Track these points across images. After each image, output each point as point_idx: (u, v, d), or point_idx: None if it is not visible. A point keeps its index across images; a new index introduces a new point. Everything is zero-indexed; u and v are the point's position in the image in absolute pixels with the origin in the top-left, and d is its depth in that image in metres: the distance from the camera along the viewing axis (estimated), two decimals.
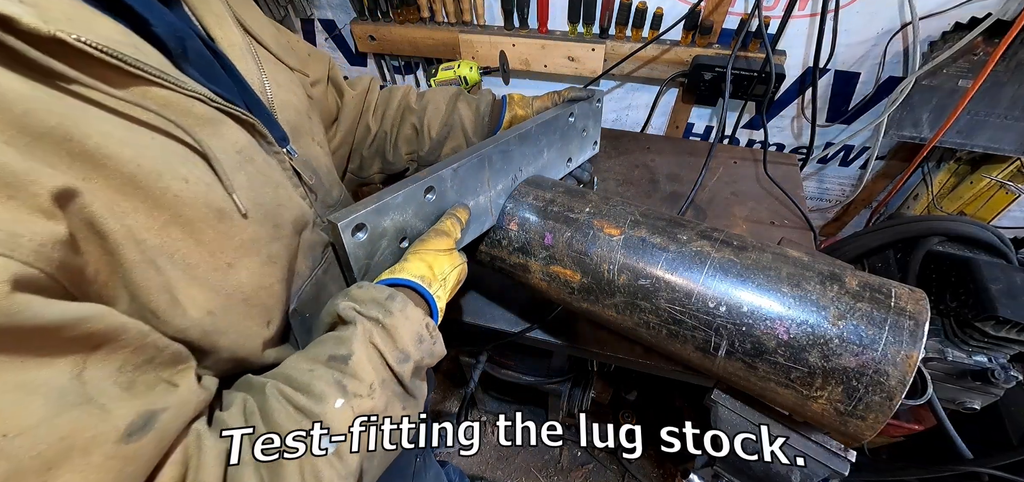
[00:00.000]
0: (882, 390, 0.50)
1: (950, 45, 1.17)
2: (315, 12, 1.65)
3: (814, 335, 0.53)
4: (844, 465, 0.63)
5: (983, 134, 1.28)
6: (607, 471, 1.83)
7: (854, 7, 1.22)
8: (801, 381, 0.55)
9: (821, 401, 0.54)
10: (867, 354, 0.50)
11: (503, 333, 1.07)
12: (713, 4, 1.28)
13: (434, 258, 0.56)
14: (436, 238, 0.58)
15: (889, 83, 1.34)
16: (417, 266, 0.54)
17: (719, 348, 0.59)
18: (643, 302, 0.64)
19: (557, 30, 1.47)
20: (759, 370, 0.58)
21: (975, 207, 1.41)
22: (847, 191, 1.71)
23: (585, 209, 0.72)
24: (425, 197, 0.63)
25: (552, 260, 0.72)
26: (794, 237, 1.20)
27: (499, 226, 0.77)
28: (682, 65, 1.41)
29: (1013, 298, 0.95)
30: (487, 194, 0.73)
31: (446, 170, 0.65)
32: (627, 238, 0.66)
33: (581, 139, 0.94)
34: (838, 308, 0.53)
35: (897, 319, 0.50)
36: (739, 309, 0.57)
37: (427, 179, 0.63)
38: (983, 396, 1.09)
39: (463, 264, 0.61)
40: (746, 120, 1.56)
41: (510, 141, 0.75)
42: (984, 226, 1.08)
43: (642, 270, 0.64)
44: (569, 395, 1.53)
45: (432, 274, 0.54)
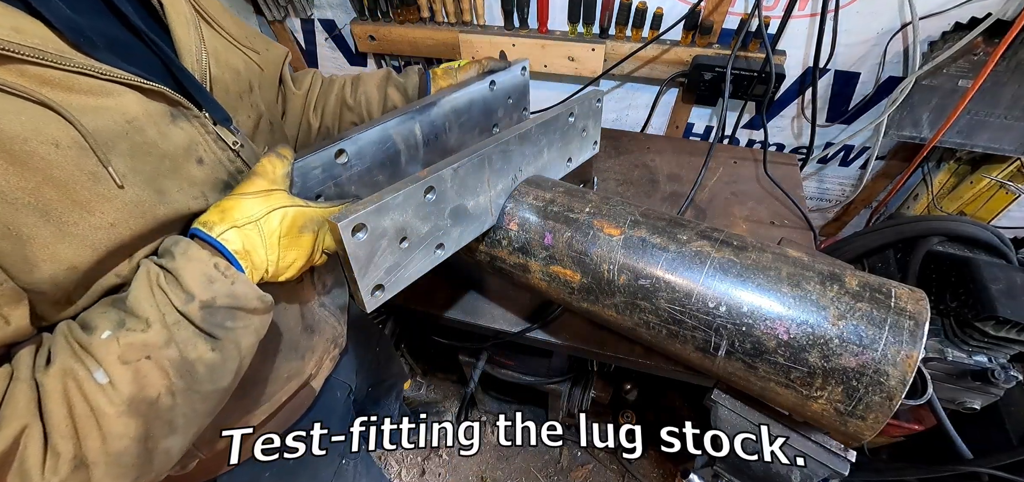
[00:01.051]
0: (882, 390, 0.50)
1: (950, 45, 1.17)
2: (315, 12, 1.65)
3: (814, 335, 0.53)
4: (844, 465, 0.63)
5: (983, 134, 1.28)
6: (607, 471, 1.83)
7: (854, 7, 1.22)
8: (801, 381, 0.55)
9: (821, 401, 0.54)
10: (867, 354, 0.50)
11: (503, 333, 1.07)
12: (713, 4, 1.28)
13: (236, 201, 0.55)
14: (246, 181, 0.58)
15: (889, 83, 1.34)
16: (208, 213, 0.55)
17: (719, 348, 0.59)
18: (643, 302, 0.64)
19: (557, 30, 1.47)
20: (759, 370, 0.58)
21: (975, 207, 1.41)
22: (847, 191, 1.71)
23: (585, 209, 0.72)
24: (425, 197, 0.63)
25: (552, 260, 0.72)
26: (794, 237, 1.20)
27: (499, 226, 0.77)
28: (682, 65, 1.41)
29: (1013, 298, 0.95)
30: (487, 194, 0.73)
31: (446, 170, 0.65)
32: (627, 238, 0.66)
33: (581, 139, 0.94)
34: (838, 308, 0.53)
35: (897, 319, 0.50)
36: (739, 309, 0.57)
37: (427, 179, 0.63)
38: (983, 396, 1.09)
39: (289, 208, 0.57)
40: (746, 120, 1.56)
41: (510, 141, 0.75)
42: (984, 226, 1.08)
43: (642, 270, 0.64)
44: (569, 395, 1.53)
45: (222, 217, 0.54)
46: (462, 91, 0.87)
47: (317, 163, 0.69)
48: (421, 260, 0.66)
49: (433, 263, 0.68)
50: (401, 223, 0.61)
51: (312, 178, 0.69)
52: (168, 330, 0.48)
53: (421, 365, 2.11)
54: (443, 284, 1.14)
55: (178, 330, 0.49)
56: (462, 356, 1.44)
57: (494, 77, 0.92)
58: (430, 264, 0.68)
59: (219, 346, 0.52)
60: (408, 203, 0.61)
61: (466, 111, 0.89)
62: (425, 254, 0.66)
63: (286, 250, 0.57)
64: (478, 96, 0.90)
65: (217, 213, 0.54)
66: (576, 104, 0.89)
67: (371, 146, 0.77)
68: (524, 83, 0.99)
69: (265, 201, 0.56)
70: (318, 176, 0.70)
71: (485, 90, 0.91)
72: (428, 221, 0.65)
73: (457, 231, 0.70)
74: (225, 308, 0.51)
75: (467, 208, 0.70)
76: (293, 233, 0.57)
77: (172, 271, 0.50)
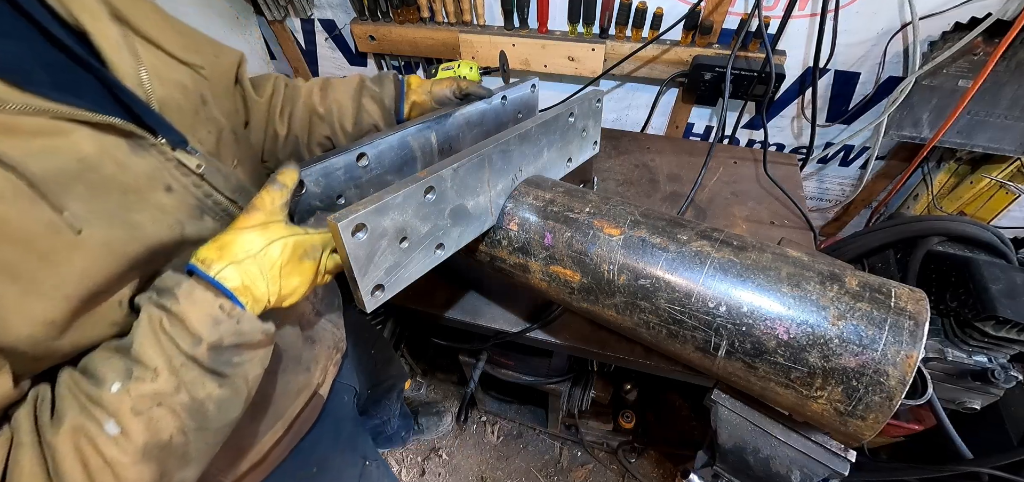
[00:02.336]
0: (882, 390, 0.50)
1: (950, 45, 1.17)
2: (315, 12, 1.65)
3: (814, 335, 0.53)
4: (844, 465, 0.63)
5: (983, 134, 1.28)
6: (607, 471, 1.83)
7: (854, 7, 1.22)
8: (801, 381, 0.55)
9: (821, 401, 0.54)
10: (867, 354, 0.50)
11: (503, 333, 1.07)
12: (713, 4, 1.28)
13: (234, 236, 0.54)
14: (243, 215, 0.57)
15: (889, 83, 1.34)
16: (206, 249, 0.53)
17: (719, 348, 0.59)
18: (643, 302, 0.64)
19: (557, 30, 1.47)
20: (759, 370, 0.58)
21: (975, 207, 1.41)
22: (847, 191, 1.71)
23: (585, 209, 0.71)
24: (425, 197, 0.63)
25: (552, 260, 0.72)
26: (794, 237, 1.20)
27: (499, 226, 0.77)
28: (682, 65, 1.41)
29: (1013, 298, 0.95)
30: (487, 194, 0.73)
31: (446, 170, 0.65)
32: (627, 238, 0.66)
33: (581, 139, 0.94)
34: (838, 308, 0.53)
35: (897, 319, 0.50)
36: (739, 309, 0.57)
37: (427, 179, 0.63)
38: (983, 396, 1.09)
39: (295, 236, 0.57)
40: (746, 120, 1.56)
41: (510, 141, 0.75)
42: (984, 226, 1.08)
43: (642, 270, 0.64)
44: (569, 395, 1.53)
45: (220, 254, 0.53)
46: (474, 105, 0.90)
47: (340, 165, 0.72)
48: (421, 260, 0.66)
49: (433, 263, 0.68)
50: (401, 223, 0.61)
51: (335, 179, 0.72)
52: (177, 376, 0.48)
53: (421, 365, 2.11)
54: (443, 284, 1.14)
55: (186, 372, 0.48)
56: (462, 356, 1.44)
57: (506, 92, 0.95)
58: (430, 264, 0.68)
59: (227, 382, 0.52)
60: (408, 203, 0.61)
61: (478, 123, 0.92)
62: (425, 254, 0.66)
63: (287, 278, 0.56)
64: (490, 110, 0.93)
65: (215, 249, 0.53)
66: (576, 104, 0.89)
67: (390, 151, 0.80)
68: (534, 100, 1.02)
69: (263, 233, 0.55)
70: (341, 177, 0.73)
71: (498, 105, 0.94)
72: (428, 221, 0.65)
73: (457, 231, 0.70)
74: (231, 346, 0.51)
75: (467, 208, 0.70)
76: (293, 261, 0.57)
77: (177, 314, 0.49)
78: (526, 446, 1.92)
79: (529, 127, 0.79)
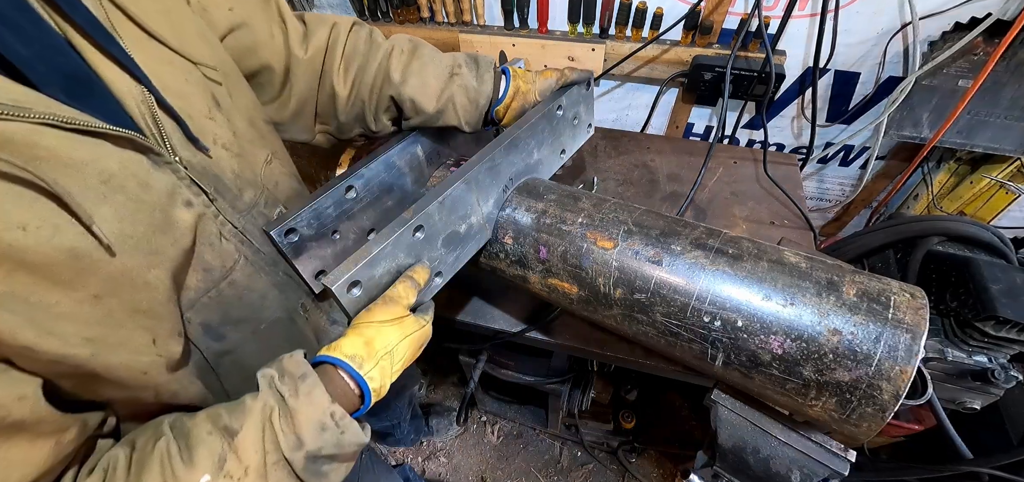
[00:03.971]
0: (875, 403, 0.50)
1: (950, 45, 1.17)
2: (315, 12, 1.65)
3: (808, 350, 0.53)
4: (844, 465, 0.63)
5: (983, 134, 1.27)
6: (607, 471, 1.83)
7: (854, 7, 1.21)
8: (796, 391, 0.55)
9: (817, 408, 0.54)
10: (861, 369, 0.50)
11: (503, 333, 1.07)
12: (713, 4, 1.28)
13: (377, 331, 0.54)
14: (383, 307, 0.56)
15: (889, 83, 1.34)
16: (352, 343, 0.53)
17: (716, 358, 0.60)
18: (639, 315, 0.64)
19: (557, 30, 1.47)
20: (755, 380, 0.58)
21: (975, 207, 1.41)
22: (847, 191, 1.71)
23: (577, 220, 0.71)
24: (414, 236, 0.63)
25: (549, 273, 0.72)
26: (794, 237, 1.20)
27: (495, 240, 0.77)
28: (682, 65, 1.41)
29: (1013, 298, 0.95)
30: (478, 214, 0.73)
31: (432, 205, 0.64)
32: (620, 251, 0.66)
33: (573, 128, 0.91)
34: (833, 322, 0.52)
35: (894, 333, 0.50)
36: (734, 324, 0.57)
37: (414, 219, 0.62)
38: (983, 396, 1.09)
39: (421, 329, 0.59)
40: (746, 120, 1.56)
41: (495, 154, 0.73)
42: (984, 226, 1.08)
43: (636, 285, 0.64)
44: (569, 395, 1.53)
45: (368, 351, 0.53)
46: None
47: (329, 203, 0.71)
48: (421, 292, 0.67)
49: (433, 291, 0.69)
50: (394, 267, 0.62)
51: (326, 217, 0.72)
52: (265, 479, 0.47)
53: (421, 365, 2.11)
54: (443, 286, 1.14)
55: (275, 473, 0.47)
56: (462, 356, 1.44)
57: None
58: (430, 293, 0.68)
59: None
60: (398, 247, 0.61)
61: None
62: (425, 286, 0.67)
63: (401, 370, 0.57)
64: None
65: (362, 345, 0.53)
66: (564, 95, 0.85)
67: (377, 176, 0.79)
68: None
69: (399, 328, 0.56)
70: (332, 213, 0.72)
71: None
72: (421, 258, 0.66)
73: (452, 256, 0.71)
74: (327, 457, 0.50)
75: (460, 232, 0.70)
76: (412, 352, 0.58)
77: (291, 410, 0.48)
78: (526, 446, 1.92)
79: (516, 134, 0.77)
